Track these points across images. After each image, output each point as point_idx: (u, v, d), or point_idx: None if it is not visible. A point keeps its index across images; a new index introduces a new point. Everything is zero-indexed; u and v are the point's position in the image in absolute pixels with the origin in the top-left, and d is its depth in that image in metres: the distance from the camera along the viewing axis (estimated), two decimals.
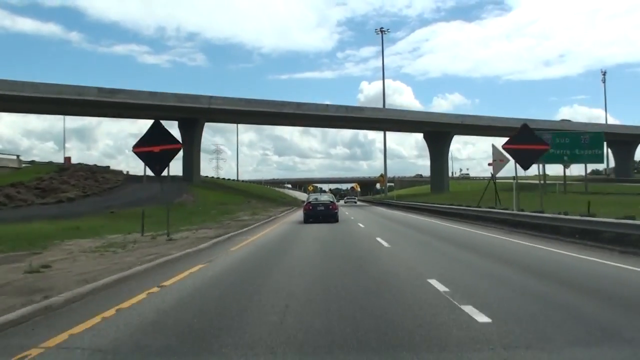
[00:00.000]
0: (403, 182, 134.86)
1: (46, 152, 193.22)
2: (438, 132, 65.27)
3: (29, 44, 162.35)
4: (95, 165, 50.54)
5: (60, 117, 68.41)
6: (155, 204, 36.86)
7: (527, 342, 3.88)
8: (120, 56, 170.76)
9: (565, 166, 55.34)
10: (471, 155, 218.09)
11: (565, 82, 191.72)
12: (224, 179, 72.02)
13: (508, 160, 27.49)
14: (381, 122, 62.18)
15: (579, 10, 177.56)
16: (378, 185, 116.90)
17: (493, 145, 25.67)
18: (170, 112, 51.56)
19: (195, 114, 52.63)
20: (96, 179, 40.75)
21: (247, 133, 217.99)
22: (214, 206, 38.87)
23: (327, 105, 58.90)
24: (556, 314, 4.81)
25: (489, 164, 26.06)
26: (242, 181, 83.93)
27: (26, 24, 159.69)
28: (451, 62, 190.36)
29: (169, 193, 43.02)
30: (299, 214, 31.30)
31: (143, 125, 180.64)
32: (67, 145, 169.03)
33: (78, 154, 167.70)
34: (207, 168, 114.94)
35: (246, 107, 53.90)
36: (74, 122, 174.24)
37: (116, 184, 42.16)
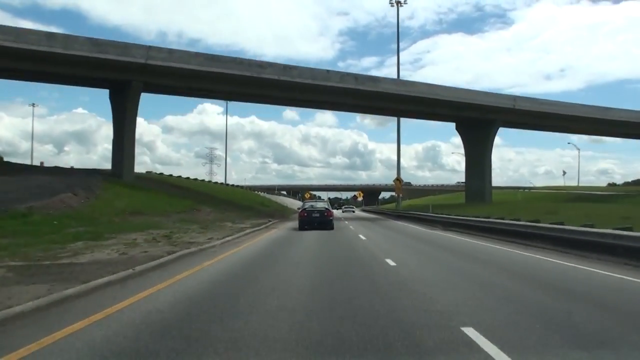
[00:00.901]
0: (412, 191, 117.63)
1: (45, 154, 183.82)
2: (478, 120, 47.21)
3: None
4: None
5: (60, 119, 48.18)
6: None
7: None
8: None
9: None
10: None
11: (565, 97, 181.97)
12: (186, 178, 53.63)
13: None
14: (403, 102, 43.86)
15: (580, 24, 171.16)
16: (389, 194, 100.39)
17: None
18: (84, 68, 33.14)
19: (126, 74, 34.41)
20: None
21: (247, 140, 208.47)
22: (111, 216, 20.55)
23: (328, 71, 40.46)
24: None
25: None
26: (226, 185, 66.24)
27: (27, 26, 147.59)
28: (452, 73, 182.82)
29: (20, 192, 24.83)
30: (270, 240, 15.37)
31: (145, 127, 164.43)
32: (66, 148, 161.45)
33: (77, 157, 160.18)
34: (201, 173, 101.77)
35: (204, 67, 35.57)
36: (73, 125, 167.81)
37: None
